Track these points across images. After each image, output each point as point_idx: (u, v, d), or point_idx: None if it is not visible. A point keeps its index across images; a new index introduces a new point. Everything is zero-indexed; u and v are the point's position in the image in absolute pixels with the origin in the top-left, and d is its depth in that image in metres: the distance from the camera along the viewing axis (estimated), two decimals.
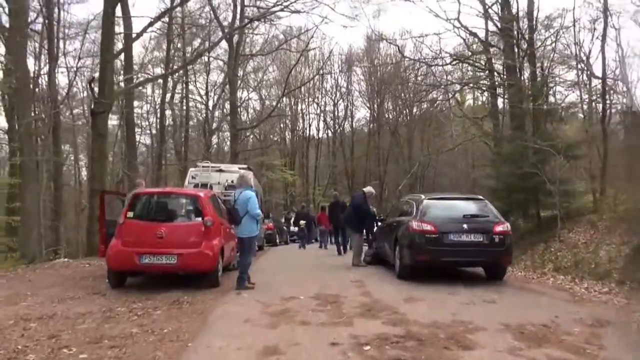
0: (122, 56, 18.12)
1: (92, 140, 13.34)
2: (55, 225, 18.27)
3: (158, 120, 28.76)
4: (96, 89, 12.62)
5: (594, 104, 19.76)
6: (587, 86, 17.38)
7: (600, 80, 15.96)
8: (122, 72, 20.57)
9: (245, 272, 7.40)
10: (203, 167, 13.31)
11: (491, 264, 7.96)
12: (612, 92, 17.99)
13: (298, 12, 15.92)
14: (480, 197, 8.84)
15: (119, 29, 16.32)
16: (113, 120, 30.27)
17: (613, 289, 7.27)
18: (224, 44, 24.34)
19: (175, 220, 7.60)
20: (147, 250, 7.12)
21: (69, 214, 25.24)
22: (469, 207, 8.21)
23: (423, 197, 8.54)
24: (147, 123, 33.78)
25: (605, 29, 15.65)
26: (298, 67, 37.67)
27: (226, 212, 7.66)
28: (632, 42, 43.40)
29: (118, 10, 16.01)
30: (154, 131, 31.91)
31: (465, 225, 7.65)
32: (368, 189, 11.48)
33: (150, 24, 13.34)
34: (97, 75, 13.50)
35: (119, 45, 17.99)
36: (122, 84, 18.53)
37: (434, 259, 7.69)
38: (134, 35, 15.50)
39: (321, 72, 36.28)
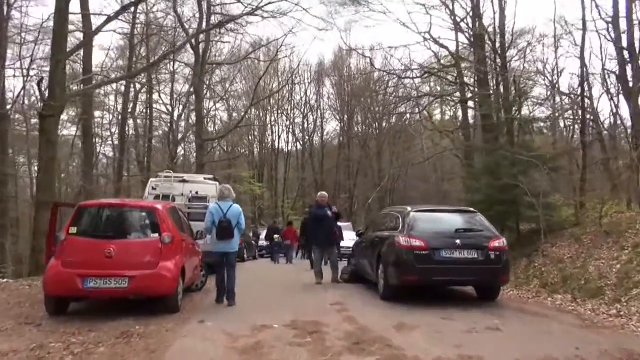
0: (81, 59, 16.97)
1: (40, 148, 12.06)
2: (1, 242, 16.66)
3: (119, 130, 27.37)
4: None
5: (561, 118, 19.96)
6: (552, 102, 17.48)
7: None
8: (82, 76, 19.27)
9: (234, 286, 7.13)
10: (165, 177, 12.21)
11: (486, 283, 7.20)
12: (576, 107, 18.23)
13: (263, 17, 15.07)
14: (472, 209, 8.10)
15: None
16: (70, 130, 28.89)
17: (622, 311, 6.58)
18: (191, 55, 23.40)
19: (128, 237, 6.51)
20: (92, 272, 6.02)
21: (24, 230, 23.48)
22: (461, 220, 7.46)
23: (410, 209, 7.72)
24: (109, 133, 32.37)
25: (583, 45, 15.71)
26: (267, 78, 36.96)
27: (218, 226, 7.03)
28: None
29: (77, 7, 14.90)
30: (116, 142, 30.52)
31: (458, 241, 6.87)
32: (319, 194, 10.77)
33: (109, 20, 12.24)
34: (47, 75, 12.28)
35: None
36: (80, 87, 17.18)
37: (424, 279, 6.87)
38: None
39: (290, 81, 35.54)
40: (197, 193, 11.57)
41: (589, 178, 14.99)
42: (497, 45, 17.35)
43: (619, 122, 18.55)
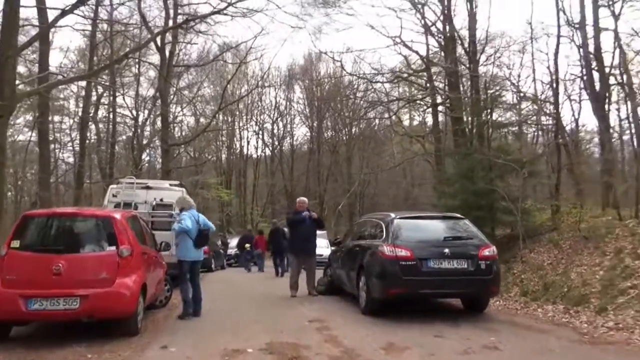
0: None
1: None
2: None
3: (80, 134, 26.09)
4: None
5: (533, 124, 20.09)
6: (519, 107, 17.54)
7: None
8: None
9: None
10: (126, 183, 11.36)
11: (476, 295, 6.73)
12: (542, 112, 18.37)
13: (232, 15, 14.34)
14: (458, 215, 7.63)
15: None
16: (27, 135, 27.44)
17: (620, 323, 6.20)
18: (157, 57, 22.47)
19: (80, 251, 5.74)
20: (37, 291, 5.25)
21: None
22: (449, 227, 6.98)
23: (393, 215, 7.18)
24: (68, 139, 30.91)
25: (557, 50, 15.76)
26: (236, 82, 36.15)
27: (200, 234, 6.95)
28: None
29: (31, 0, 13.87)
30: (76, 147, 29.14)
31: (446, 250, 6.38)
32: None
33: (64, 13, 11.29)
34: None
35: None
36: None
37: (411, 291, 6.35)
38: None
39: (260, 85, 34.85)
40: (161, 200, 10.77)
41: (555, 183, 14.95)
42: (468, 49, 17.30)
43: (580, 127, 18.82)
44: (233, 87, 35.83)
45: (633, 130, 16.79)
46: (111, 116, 28.57)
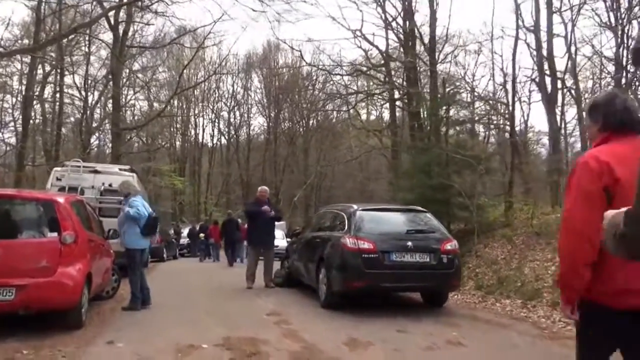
0: None
1: None
2: None
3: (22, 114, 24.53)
4: None
5: (491, 124, 20.60)
6: (472, 106, 17.93)
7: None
8: None
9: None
10: (72, 166, 10.67)
11: (438, 289, 6.67)
12: (494, 112, 18.88)
13: None
14: (421, 208, 7.54)
15: None
16: None
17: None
18: (109, 36, 21.38)
19: (18, 236, 5.22)
20: None
21: None
22: (411, 220, 6.88)
23: (355, 207, 7.00)
24: (11, 118, 29.05)
25: (515, 51, 16.12)
26: (192, 68, 35.05)
27: (150, 220, 6.60)
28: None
29: None
30: (19, 128, 27.43)
31: (409, 243, 6.25)
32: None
33: None
34: None
35: None
36: None
37: (373, 285, 6.19)
38: None
39: (217, 72, 33.99)
40: (110, 185, 10.17)
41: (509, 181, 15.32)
42: (428, 45, 17.42)
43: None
44: (189, 73, 34.74)
45: (579, 133, 17.54)
46: (58, 96, 27.10)
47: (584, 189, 1.81)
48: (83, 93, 28.46)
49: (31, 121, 24.43)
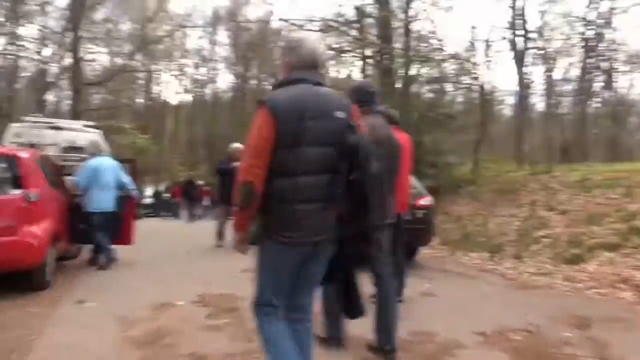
0: None
1: None
2: None
3: None
4: None
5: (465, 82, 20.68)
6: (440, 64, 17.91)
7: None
8: None
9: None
10: (32, 122, 10.13)
11: (411, 244, 6.76)
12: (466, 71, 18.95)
13: None
14: None
15: None
16: None
17: (541, 269, 6.51)
18: None
19: None
20: None
21: None
22: None
23: None
24: None
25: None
26: (157, 22, 33.49)
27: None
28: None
29: None
30: None
31: None
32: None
33: None
34: None
35: None
36: None
37: None
38: None
39: (182, 25, 32.67)
40: (74, 142, 9.73)
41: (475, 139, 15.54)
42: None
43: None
44: (154, 28, 33.22)
45: (545, 92, 17.84)
46: (10, 49, 25.55)
47: None
48: (39, 46, 26.93)
49: None
